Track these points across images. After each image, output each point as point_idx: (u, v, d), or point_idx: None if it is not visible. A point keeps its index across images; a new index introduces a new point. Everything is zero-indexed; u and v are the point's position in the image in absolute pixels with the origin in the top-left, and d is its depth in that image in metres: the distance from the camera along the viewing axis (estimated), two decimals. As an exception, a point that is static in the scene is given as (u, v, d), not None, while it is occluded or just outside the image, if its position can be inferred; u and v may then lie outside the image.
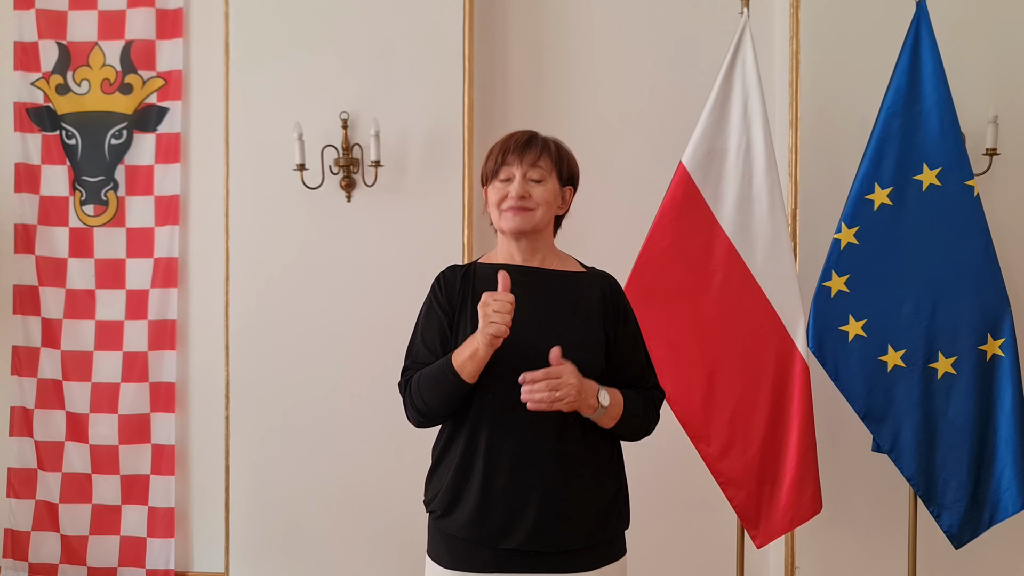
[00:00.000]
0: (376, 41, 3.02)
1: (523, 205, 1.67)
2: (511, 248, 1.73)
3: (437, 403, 1.64)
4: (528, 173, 1.69)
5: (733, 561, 2.83)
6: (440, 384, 1.62)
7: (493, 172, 1.71)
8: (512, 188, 1.68)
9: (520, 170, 1.68)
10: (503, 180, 1.70)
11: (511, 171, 1.69)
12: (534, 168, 1.69)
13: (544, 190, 1.69)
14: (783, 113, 2.96)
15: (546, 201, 1.70)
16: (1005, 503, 2.50)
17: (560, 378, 1.55)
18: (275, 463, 3.09)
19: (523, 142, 1.71)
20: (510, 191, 1.68)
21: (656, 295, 2.55)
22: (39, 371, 3.25)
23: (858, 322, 2.54)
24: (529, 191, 1.68)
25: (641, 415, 1.71)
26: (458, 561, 1.67)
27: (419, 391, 1.66)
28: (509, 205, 1.68)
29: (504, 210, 1.69)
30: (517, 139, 1.71)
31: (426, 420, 1.69)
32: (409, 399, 1.69)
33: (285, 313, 3.07)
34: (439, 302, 1.72)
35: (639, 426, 1.72)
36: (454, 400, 1.64)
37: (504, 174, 1.70)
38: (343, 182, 3.02)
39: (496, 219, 1.72)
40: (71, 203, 3.25)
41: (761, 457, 2.58)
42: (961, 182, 2.49)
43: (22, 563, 3.25)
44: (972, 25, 2.83)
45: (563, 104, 3.12)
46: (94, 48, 3.23)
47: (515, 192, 1.67)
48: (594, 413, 1.61)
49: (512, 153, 1.69)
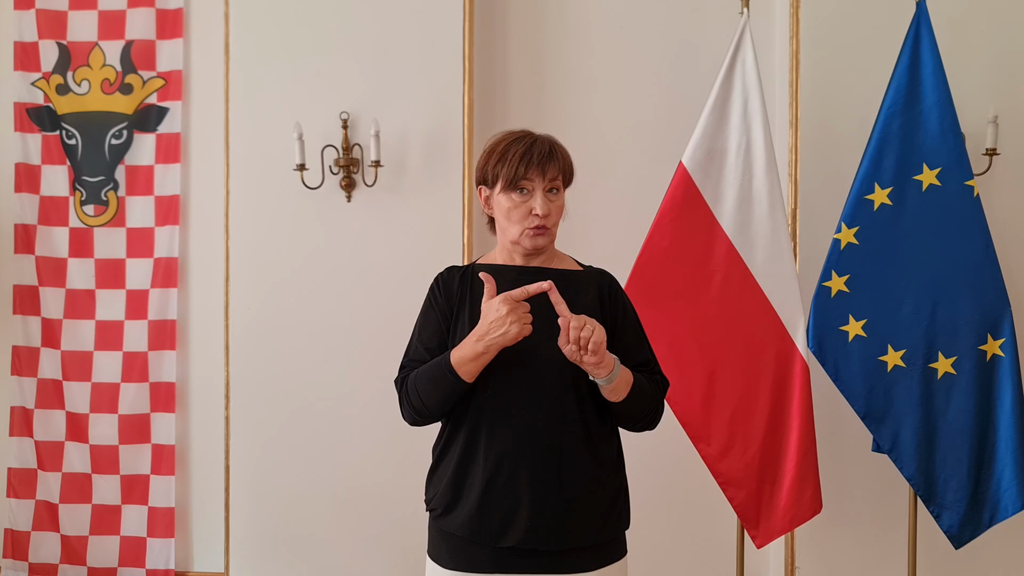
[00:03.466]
0: (376, 41, 3.02)
1: (545, 223, 1.66)
2: (513, 250, 1.73)
3: (433, 402, 1.64)
4: (548, 187, 1.67)
5: (733, 561, 2.83)
6: (437, 383, 1.62)
7: (511, 181, 1.66)
8: (537, 207, 1.65)
9: (541, 185, 1.66)
10: (520, 191, 1.67)
11: (531, 184, 1.66)
12: (553, 181, 1.68)
13: (559, 204, 1.69)
14: (783, 113, 2.96)
15: (560, 214, 1.70)
16: (1005, 503, 2.50)
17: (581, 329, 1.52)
18: (275, 463, 3.09)
19: (545, 155, 1.67)
20: (535, 209, 1.65)
21: (656, 295, 2.55)
22: (39, 371, 3.25)
23: (858, 322, 2.54)
24: (550, 207, 1.66)
25: (649, 395, 1.68)
26: (458, 561, 1.67)
27: (415, 389, 1.65)
28: (534, 224, 1.65)
29: (528, 228, 1.66)
30: (540, 153, 1.67)
31: (421, 419, 1.69)
32: (405, 397, 1.68)
33: (285, 313, 3.07)
34: (437, 303, 1.72)
35: (647, 407, 1.68)
36: (451, 399, 1.63)
37: (524, 186, 1.66)
38: (343, 182, 3.02)
39: (513, 233, 1.68)
40: (71, 203, 3.25)
41: (761, 457, 2.58)
42: (961, 182, 2.49)
43: (22, 563, 3.25)
44: (972, 25, 2.83)
45: (563, 104, 3.12)
46: (94, 48, 3.23)
47: (541, 211, 1.64)
48: (610, 374, 1.58)
49: (535, 167, 1.65)
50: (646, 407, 1.69)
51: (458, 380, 1.59)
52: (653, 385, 1.71)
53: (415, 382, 1.66)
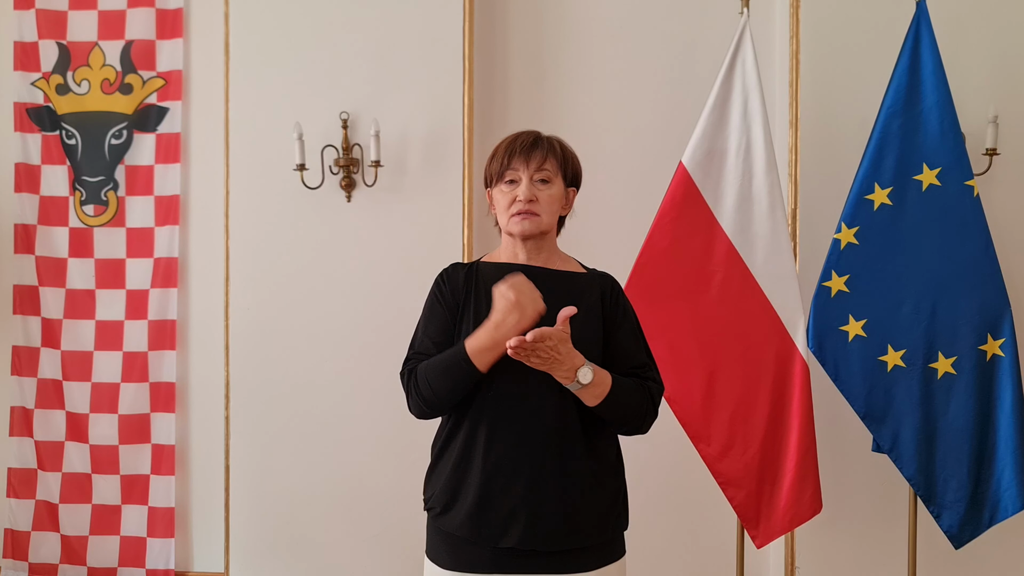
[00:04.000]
0: (376, 41, 3.02)
1: (531, 209, 1.67)
2: (516, 248, 1.73)
3: (445, 391, 1.63)
4: (535, 175, 1.68)
5: (733, 561, 2.83)
6: (451, 372, 1.61)
7: (498, 174, 1.71)
8: (520, 191, 1.67)
9: (527, 172, 1.68)
10: (509, 182, 1.70)
11: (517, 174, 1.69)
12: (540, 170, 1.69)
13: (551, 192, 1.69)
14: (783, 113, 2.96)
15: (552, 204, 1.70)
16: (1005, 503, 2.49)
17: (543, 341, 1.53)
18: (275, 463, 3.09)
19: (528, 144, 1.70)
20: (518, 194, 1.67)
21: (656, 295, 2.55)
22: (39, 371, 3.25)
23: (858, 322, 2.54)
24: (536, 194, 1.67)
25: (631, 402, 1.66)
26: (456, 561, 1.67)
27: (426, 380, 1.64)
28: (517, 209, 1.67)
29: (512, 214, 1.68)
30: (523, 141, 1.70)
31: (430, 410, 1.67)
32: (414, 387, 1.67)
33: (285, 313, 3.07)
34: (443, 297, 1.72)
35: (627, 413, 1.66)
36: (463, 388, 1.62)
37: (510, 176, 1.69)
38: (343, 182, 3.02)
39: (504, 223, 1.72)
40: (71, 203, 3.25)
41: (761, 457, 2.58)
42: (961, 182, 2.49)
43: (22, 563, 3.25)
44: (972, 25, 2.83)
45: (563, 104, 3.12)
46: (94, 48, 3.23)
47: (523, 195, 1.67)
48: (569, 384, 1.59)
49: (518, 156, 1.68)
50: (625, 413, 1.66)
51: (473, 369, 1.59)
52: (640, 391, 1.68)
53: (426, 373, 1.64)
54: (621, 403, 1.65)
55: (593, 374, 1.59)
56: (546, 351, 1.54)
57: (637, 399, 1.67)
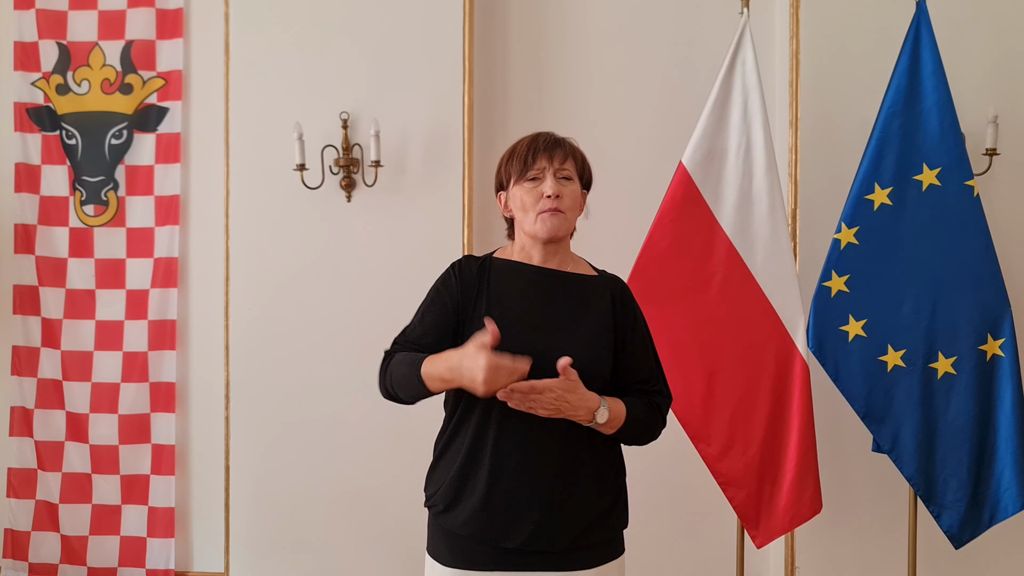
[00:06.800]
0: (376, 41, 3.02)
1: (557, 206, 1.65)
2: (531, 249, 1.72)
3: (403, 393, 1.65)
4: (558, 173, 1.68)
5: (733, 561, 2.83)
6: (409, 380, 1.61)
7: (520, 172, 1.68)
8: (546, 187, 1.65)
9: (551, 169, 1.67)
10: (532, 180, 1.68)
11: (541, 171, 1.67)
12: (563, 168, 1.68)
13: (572, 191, 1.69)
14: (783, 113, 2.96)
15: (575, 203, 1.70)
16: (1005, 503, 2.50)
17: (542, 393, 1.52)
18: (275, 463, 3.09)
19: (551, 142, 1.69)
20: (544, 189, 1.65)
21: (656, 295, 2.55)
22: (39, 371, 3.25)
23: (858, 322, 2.54)
24: (560, 190, 1.66)
25: (644, 423, 1.69)
26: (458, 559, 1.67)
27: (391, 375, 1.66)
28: (545, 207, 1.65)
29: (540, 212, 1.66)
30: (545, 139, 1.70)
31: (392, 400, 1.70)
32: (383, 374, 1.69)
33: (285, 313, 3.07)
34: (451, 288, 1.70)
35: (641, 432, 1.71)
36: (419, 398, 1.64)
37: (533, 174, 1.67)
38: (343, 182, 3.02)
39: (529, 223, 1.68)
40: (71, 203, 3.25)
41: (761, 457, 2.58)
42: (961, 182, 2.49)
43: (22, 563, 3.25)
44: (972, 25, 2.83)
45: (563, 104, 3.12)
46: (94, 48, 3.23)
47: (551, 190, 1.65)
48: (589, 424, 1.61)
49: (543, 153, 1.68)
50: (639, 434, 1.71)
51: (426, 389, 1.60)
52: (650, 410, 1.71)
53: (394, 368, 1.65)
54: (635, 430, 1.68)
55: (609, 412, 1.61)
56: (551, 402, 1.54)
57: (649, 420, 1.71)
